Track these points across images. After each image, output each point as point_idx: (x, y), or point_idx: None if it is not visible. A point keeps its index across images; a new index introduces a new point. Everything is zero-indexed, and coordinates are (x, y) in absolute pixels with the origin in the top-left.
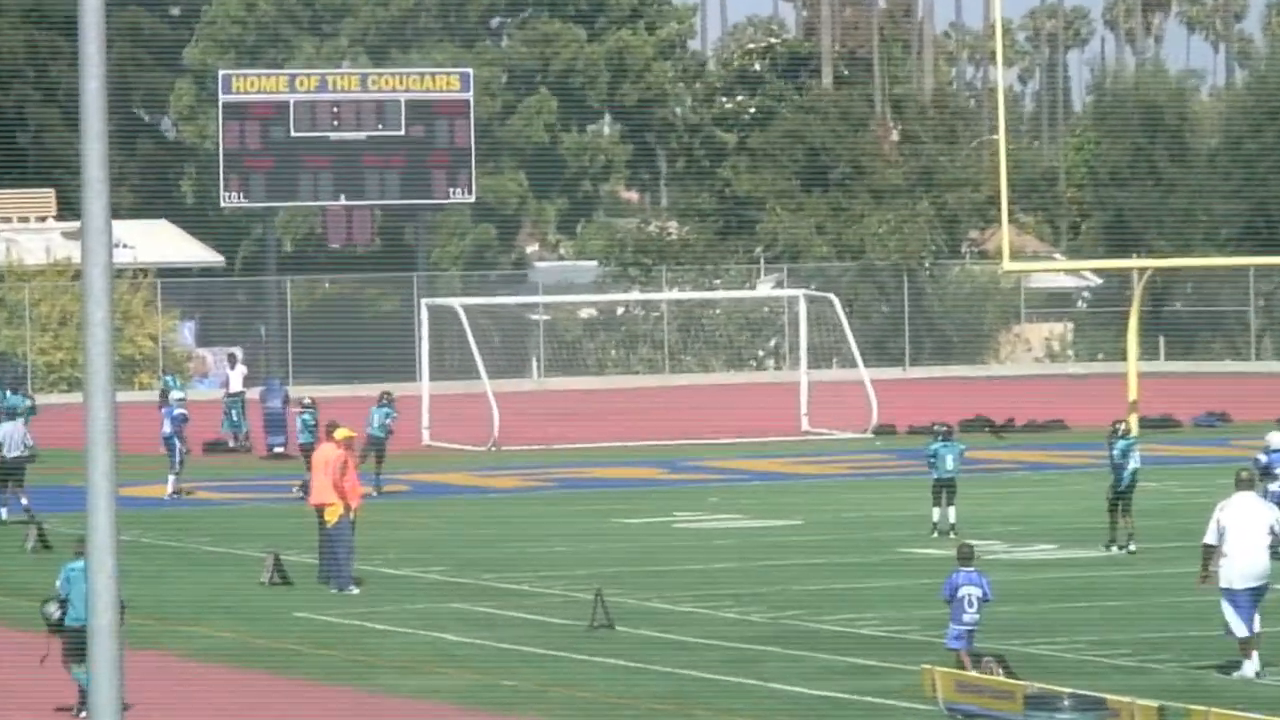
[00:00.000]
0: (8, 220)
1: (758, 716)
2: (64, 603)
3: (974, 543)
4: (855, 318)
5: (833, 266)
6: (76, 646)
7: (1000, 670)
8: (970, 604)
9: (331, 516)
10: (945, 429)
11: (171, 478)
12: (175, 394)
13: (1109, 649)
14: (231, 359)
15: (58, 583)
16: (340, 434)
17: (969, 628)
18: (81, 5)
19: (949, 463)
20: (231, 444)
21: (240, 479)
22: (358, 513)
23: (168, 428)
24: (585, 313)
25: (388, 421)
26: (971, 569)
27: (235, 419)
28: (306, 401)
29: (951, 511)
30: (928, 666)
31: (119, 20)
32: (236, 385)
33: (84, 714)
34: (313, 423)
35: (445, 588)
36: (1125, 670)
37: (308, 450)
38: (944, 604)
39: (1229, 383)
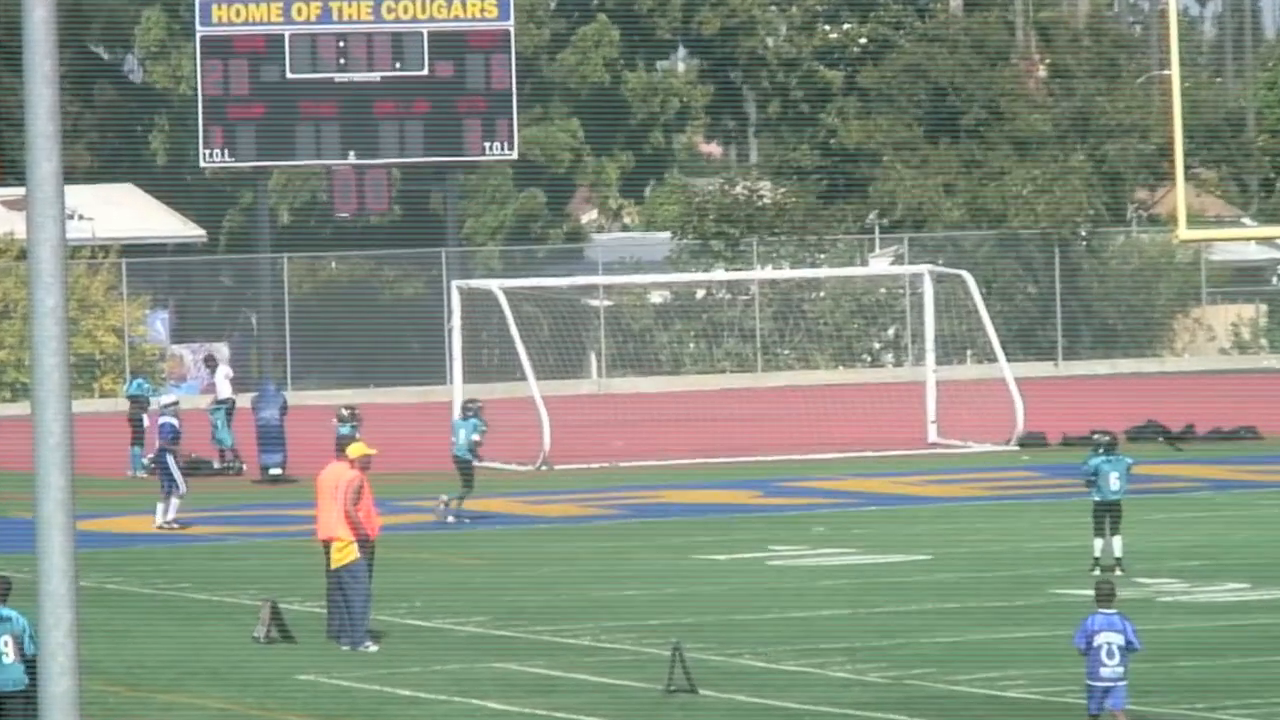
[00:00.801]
0: None
1: None
2: None
3: (1147, 581)
4: (994, 300)
5: (966, 236)
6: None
7: None
8: (1110, 654)
9: (343, 556)
10: (1108, 439)
11: (161, 506)
12: (165, 398)
13: None
14: (210, 361)
15: None
16: (354, 451)
17: (1109, 684)
18: None
19: (1113, 482)
20: (217, 464)
21: (229, 508)
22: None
23: (156, 443)
24: (656, 297)
25: (475, 437)
26: (1112, 611)
27: (218, 432)
28: (344, 413)
29: (1117, 542)
30: None
31: None
32: (224, 391)
33: None
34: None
35: (486, 643)
36: None
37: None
38: (1079, 655)
39: None
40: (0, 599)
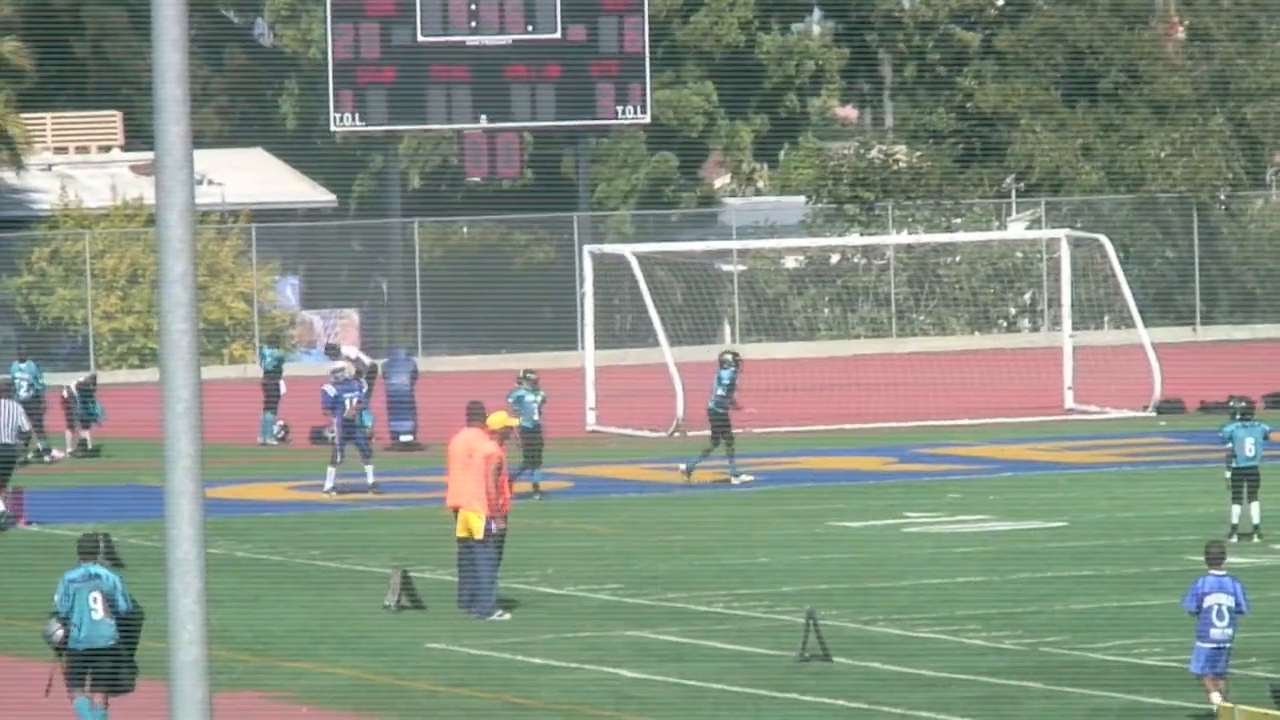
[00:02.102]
0: (63, 151)
1: None
2: (66, 620)
3: None
4: (1132, 264)
5: (1103, 200)
6: (78, 672)
7: None
8: (1220, 615)
9: (476, 526)
10: (1245, 405)
11: (332, 470)
12: (338, 362)
13: None
14: (332, 351)
15: (56, 597)
16: (495, 421)
17: (1218, 646)
18: None
19: (1248, 448)
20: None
21: (359, 475)
22: (499, 523)
23: (350, 411)
24: (791, 262)
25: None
26: (1223, 573)
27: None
28: (530, 375)
29: (1255, 509)
30: (1226, 706)
31: None
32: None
33: None
34: (535, 403)
35: (618, 611)
36: None
37: (531, 437)
38: (1192, 616)
39: None
40: (90, 557)
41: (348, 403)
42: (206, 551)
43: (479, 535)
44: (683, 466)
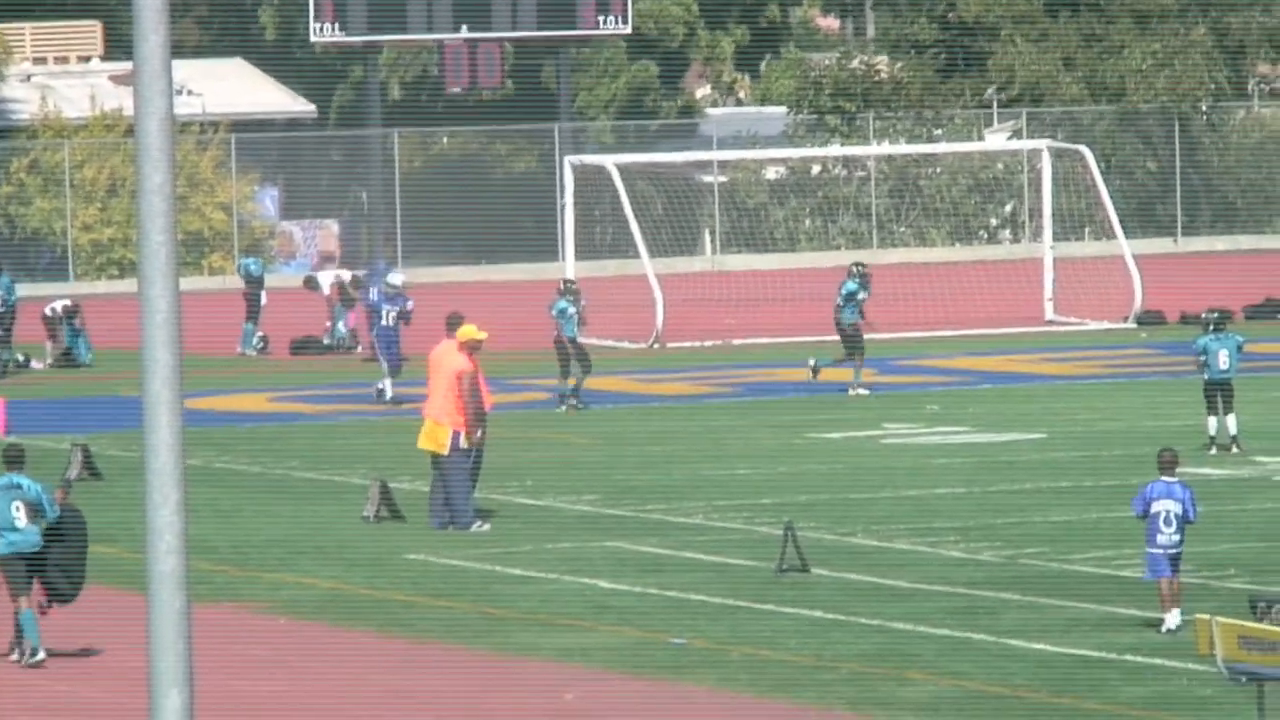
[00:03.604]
0: (42, 61)
1: (991, 681)
2: None
3: (1265, 460)
4: (1113, 176)
5: (1085, 111)
6: (15, 580)
7: None
8: (1167, 521)
9: (439, 442)
10: (1217, 317)
11: (388, 382)
12: (396, 277)
13: None
14: (310, 282)
15: None
16: (464, 334)
17: (1165, 551)
18: None
19: (1222, 360)
20: (327, 340)
21: (339, 386)
22: (471, 437)
23: (388, 320)
24: (772, 173)
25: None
26: (1174, 480)
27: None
28: (570, 284)
29: (1231, 420)
30: (1204, 617)
31: None
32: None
33: (17, 656)
34: (572, 310)
35: (597, 522)
36: None
37: (574, 346)
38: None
39: None
40: (15, 466)
41: (384, 313)
42: (185, 462)
43: (443, 449)
44: (812, 361)
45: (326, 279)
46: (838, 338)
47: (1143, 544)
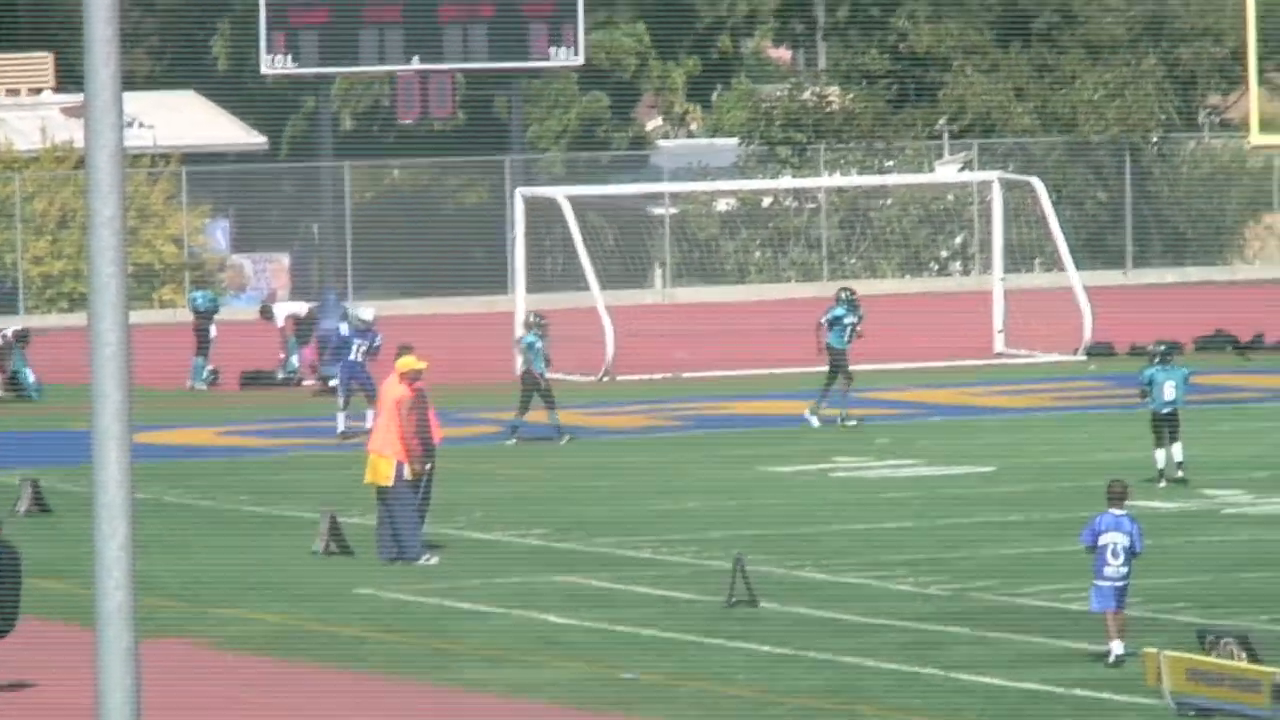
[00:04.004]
0: None
1: (940, 715)
2: None
3: (1213, 493)
4: (1064, 207)
5: (1036, 143)
6: None
7: (1243, 654)
8: (1115, 554)
9: (382, 474)
10: (1164, 349)
11: (341, 415)
12: (366, 312)
13: None
14: (266, 313)
15: None
16: (403, 364)
17: (1113, 584)
18: None
19: (1168, 391)
20: (281, 374)
21: (288, 419)
22: (415, 468)
23: (358, 355)
24: (722, 204)
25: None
26: (1123, 513)
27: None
28: (532, 318)
29: (1177, 449)
30: (1151, 650)
31: None
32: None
33: None
34: (540, 345)
35: (546, 556)
36: None
37: (542, 379)
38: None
39: None
40: None
41: (354, 348)
42: (134, 497)
43: (387, 481)
44: (808, 411)
45: (282, 311)
46: (840, 368)
47: (1092, 577)
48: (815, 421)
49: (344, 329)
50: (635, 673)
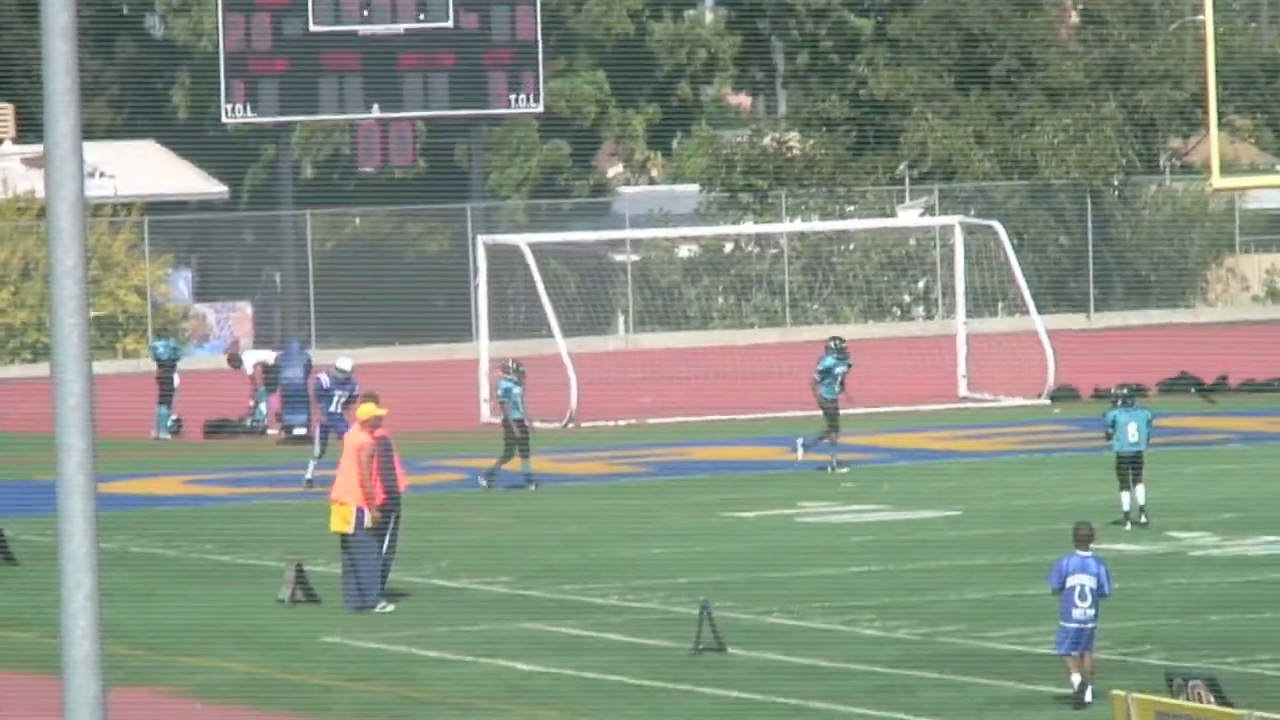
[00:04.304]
0: None
1: None
2: None
3: (1179, 535)
4: (1026, 251)
5: (997, 187)
6: None
7: (1211, 696)
8: (1082, 596)
9: (343, 522)
10: (1127, 392)
11: (312, 464)
12: (344, 362)
13: None
14: (234, 361)
15: None
16: (362, 412)
17: (1080, 626)
18: None
19: (1131, 433)
20: (249, 422)
21: (253, 468)
22: (374, 515)
23: (337, 406)
24: (684, 251)
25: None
26: (1088, 554)
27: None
28: (510, 364)
29: (1140, 491)
30: (1120, 693)
31: None
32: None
33: None
34: (517, 391)
35: (512, 603)
36: None
37: (518, 426)
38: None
39: None
40: None
41: (335, 398)
42: (100, 547)
43: (349, 528)
44: (801, 441)
45: (251, 359)
46: (799, 414)
47: (1059, 619)
48: (800, 455)
49: (324, 380)
50: (603, 719)
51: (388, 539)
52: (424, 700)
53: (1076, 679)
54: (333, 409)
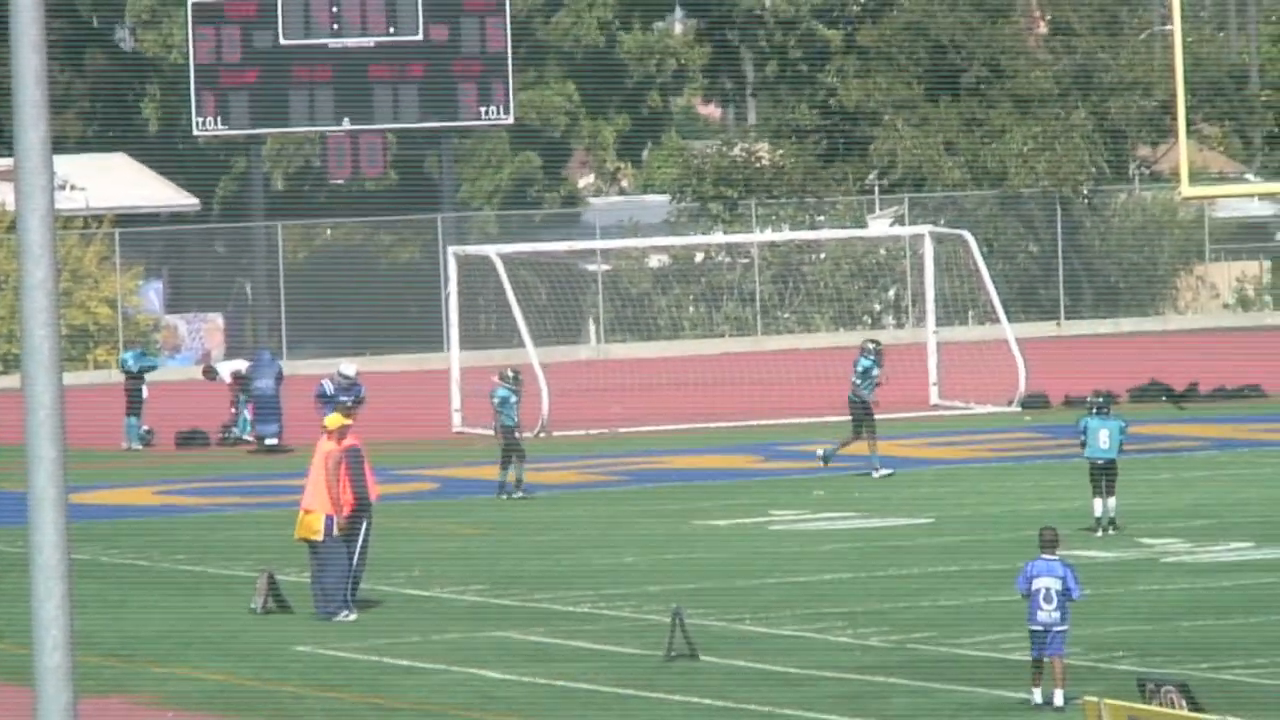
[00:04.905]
0: None
1: None
2: None
3: (1151, 541)
4: (996, 260)
5: (967, 196)
6: None
7: (1183, 702)
8: (1048, 599)
9: (314, 526)
10: (1101, 399)
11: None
12: (349, 367)
13: None
14: (209, 373)
15: None
16: (330, 422)
17: (1045, 628)
18: None
19: (1103, 440)
20: (236, 431)
21: (225, 479)
22: (341, 522)
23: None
24: (655, 261)
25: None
26: (1054, 558)
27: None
28: (508, 374)
29: (1112, 502)
30: (1092, 699)
31: None
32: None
33: None
34: (514, 400)
35: (484, 612)
36: None
37: (509, 435)
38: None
39: None
40: None
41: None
42: (71, 557)
43: (317, 535)
44: (820, 452)
45: (226, 369)
46: (866, 419)
47: (1027, 624)
48: (886, 471)
49: (328, 386)
50: None
51: (359, 548)
52: (396, 709)
53: (1038, 694)
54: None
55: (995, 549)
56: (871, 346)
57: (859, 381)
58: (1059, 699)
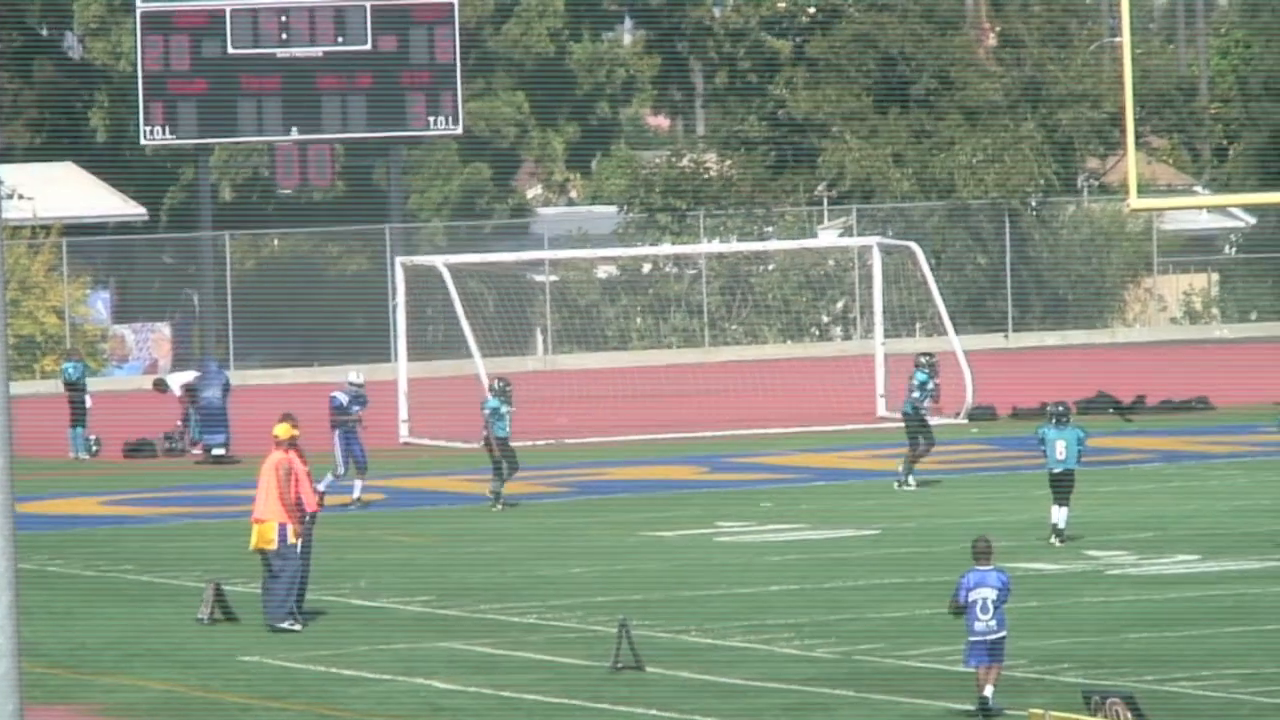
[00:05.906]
0: None
1: None
2: None
3: (1097, 554)
4: (944, 271)
5: (915, 208)
6: None
7: (1129, 714)
8: (984, 609)
9: (267, 536)
10: (1060, 410)
11: (358, 483)
12: (356, 375)
13: (1265, 684)
14: (160, 385)
15: None
16: (281, 431)
17: (983, 638)
18: None
19: (1059, 450)
20: (186, 441)
21: (171, 489)
22: (296, 529)
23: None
24: (603, 271)
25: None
26: (988, 568)
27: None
28: (496, 384)
29: (1063, 514)
30: (1038, 711)
31: None
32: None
33: None
34: (505, 410)
35: (431, 622)
36: None
37: (502, 446)
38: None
39: None
40: None
41: (354, 412)
42: (17, 566)
43: (272, 545)
44: (900, 483)
45: (176, 381)
46: (923, 432)
47: (966, 635)
48: (913, 483)
49: (342, 397)
50: None
51: (300, 560)
52: (342, 718)
53: (989, 690)
54: (348, 428)
55: (942, 561)
56: (925, 360)
57: (916, 394)
58: (988, 690)
